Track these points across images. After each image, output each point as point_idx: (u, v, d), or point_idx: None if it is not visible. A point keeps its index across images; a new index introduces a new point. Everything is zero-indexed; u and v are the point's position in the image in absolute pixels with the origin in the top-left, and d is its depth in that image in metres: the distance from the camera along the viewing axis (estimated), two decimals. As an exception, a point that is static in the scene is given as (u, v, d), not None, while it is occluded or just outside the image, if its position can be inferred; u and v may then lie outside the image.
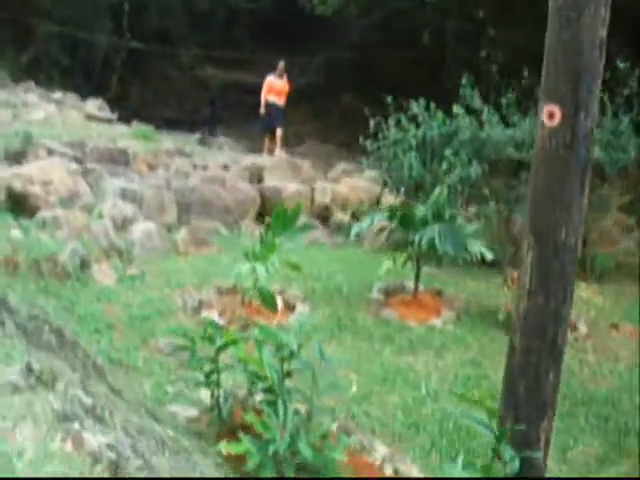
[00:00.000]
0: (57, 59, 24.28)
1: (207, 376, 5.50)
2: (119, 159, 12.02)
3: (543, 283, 4.95)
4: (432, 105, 10.16)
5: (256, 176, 12.47)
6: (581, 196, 4.90)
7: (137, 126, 16.68)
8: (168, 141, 15.29)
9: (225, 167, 13.06)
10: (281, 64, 16.49)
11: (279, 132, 15.98)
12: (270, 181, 12.05)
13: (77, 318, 7.70)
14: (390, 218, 8.35)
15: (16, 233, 8.77)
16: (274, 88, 16.21)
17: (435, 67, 23.38)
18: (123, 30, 25.29)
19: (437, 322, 8.49)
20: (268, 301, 6.63)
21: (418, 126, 10.07)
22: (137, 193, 10.04)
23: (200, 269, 9.37)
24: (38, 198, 9.56)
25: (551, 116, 4.81)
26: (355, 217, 11.58)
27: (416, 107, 10.15)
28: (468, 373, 7.59)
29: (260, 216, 11.19)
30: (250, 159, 13.52)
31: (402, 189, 10.08)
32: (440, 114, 10.01)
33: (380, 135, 10.51)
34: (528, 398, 5.08)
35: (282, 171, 12.41)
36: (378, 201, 12.01)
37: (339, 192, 11.75)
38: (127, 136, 14.49)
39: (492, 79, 19.16)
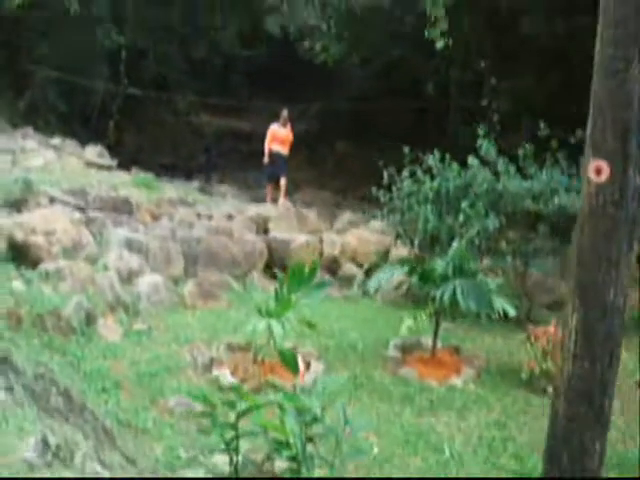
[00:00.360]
0: (54, 105, 24.15)
1: (228, 443, 5.27)
2: (122, 208, 11.76)
3: (589, 347, 4.73)
4: (447, 157, 9.96)
5: (262, 226, 12.23)
6: (628, 254, 4.70)
7: (137, 174, 16.47)
8: (170, 189, 15.06)
9: (230, 217, 12.80)
10: (284, 112, 16.33)
11: (283, 181, 15.77)
12: (276, 232, 11.81)
13: (83, 376, 7.41)
14: (410, 273, 8.10)
15: (18, 285, 8.48)
16: (278, 137, 16.02)
17: (437, 116, 23.37)
18: (120, 76, 25.20)
19: (457, 381, 8.20)
20: (289, 362, 6.35)
21: (432, 178, 9.87)
22: (142, 244, 9.77)
23: (209, 324, 9.08)
24: (40, 248, 9.28)
25: (598, 172, 4.60)
26: (367, 270, 11.33)
27: (431, 159, 9.96)
28: (492, 435, 7.31)
29: (268, 268, 10.92)
30: (255, 209, 13.27)
31: (416, 242, 9.85)
32: (455, 165, 9.82)
33: (392, 186, 10.31)
34: (572, 468, 4.84)
35: (288, 221, 12.18)
36: (387, 253, 11.77)
37: (348, 244, 11.51)
38: (128, 184, 14.26)
39: (494, 128, 19.17)
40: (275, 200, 15.56)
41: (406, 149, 10.19)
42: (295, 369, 6.49)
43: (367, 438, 6.80)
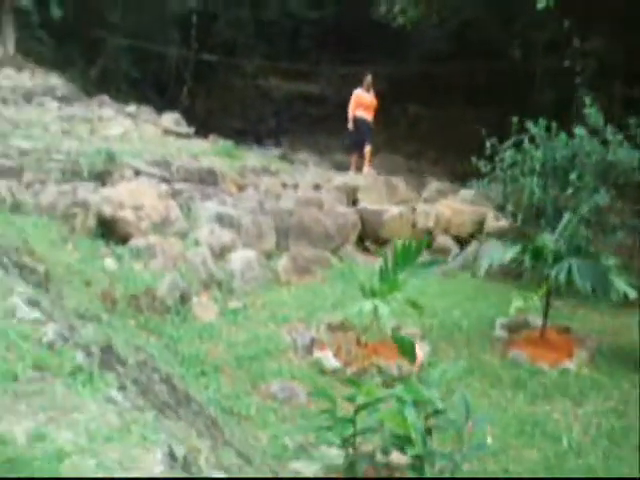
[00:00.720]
0: (126, 72, 23.93)
1: (346, 440, 4.92)
2: (207, 179, 11.36)
3: None
4: (554, 125, 9.31)
5: (350, 197, 11.74)
6: None
7: (215, 141, 16.09)
8: (251, 158, 14.64)
9: (316, 187, 12.34)
10: (368, 77, 15.67)
11: (368, 148, 15.15)
12: (366, 202, 11.31)
13: (181, 359, 7.09)
14: (522, 251, 7.56)
15: (110, 262, 8.17)
16: (363, 102, 15.39)
17: (514, 78, 22.50)
18: (191, 42, 24.86)
19: (570, 365, 7.68)
20: (407, 350, 5.89)
21: (537, 147, 9.25)
22: (234, 218, 9.35)
23: (305, 301, 8.67)
24: (129, 224, 8.95)
25: None
26: (461, 242, 10.81)
27: (534, 127, 9.32)
28: (612, 424, 6.82)
29: (360, 241, 10.46)
30: (341, 178, 12.75)
31: (520, 215, 9.26)
32: (563, 135, 9.17)
33: (485, 155, 9.72)
34: None
35: (377, 191, 11.65)
36: (482, 224, 11.20)
37: (441, 214, 10.95)
38: (209, 152, 13.87)
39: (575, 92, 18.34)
40: (359, 168, 15.04)
41: (513, 118, 9.54)
42: (413, 358, 6.03)
43: (479, 426, 6.35)
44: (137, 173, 10.97)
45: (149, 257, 8.45)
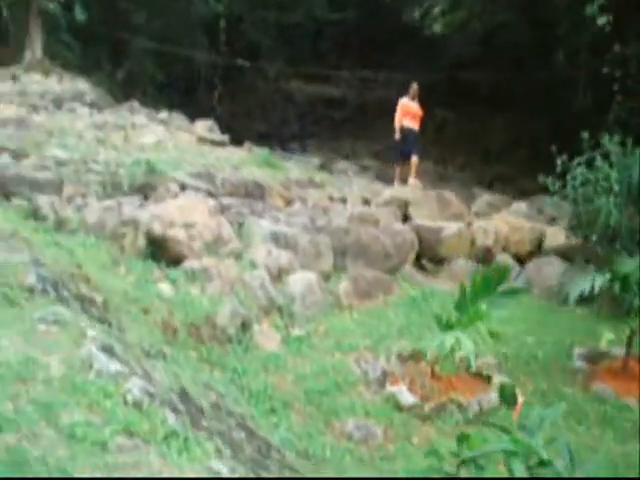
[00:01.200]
0: (152, 75, 23.42)
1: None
2: (254, 193, 10.81)
3: None
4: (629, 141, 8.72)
5: (401, 211, 11.15)
6: None
7: (251, 149, 15.55)
8: (292, 168, 14.06)
9: (366, 201, 11.77)
10: (414, 86, 15.05)
11: (415, 159, 14.53)
12: (418, 218, 10.73)
13: (248, 395, 6.57)
14: (612, 280, 6.98)
15: (165, 288, 7.65)
16: (409, 111, 14.78)
17: (543, 84, 21.88)
18: (219, 45, 24.35)
19: (659, 399, 7.11)
20: (507, 397, 5.35)
21: (611, 165, 8.67)
22: (290, 237, 8.79)
23: (370, 328, 8.12)
24: (181, 243, 8.42)
25: None
26: (520, 260, 10.22)
27: (608, 142, 8.74)
28: None
29: (416, 260, 9.88)
30: (389, 191, 12.14)
31: (594, 236, 8.67)
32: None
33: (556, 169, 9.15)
34: None
35: (429, 206, 11.06)
36: (541, 241, 10.60)
37: (500, 231, 10.36)
38: (249, 162, 13.33)
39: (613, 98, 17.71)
40: (404, 180, 14.44)
41: (584, 134, 8.96)
42: (513, 402, 5.49)
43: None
44: (182, 187, 10.43)
45: (205, 280, 7.94)
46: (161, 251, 8.52)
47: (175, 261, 8.42)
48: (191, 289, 7.81)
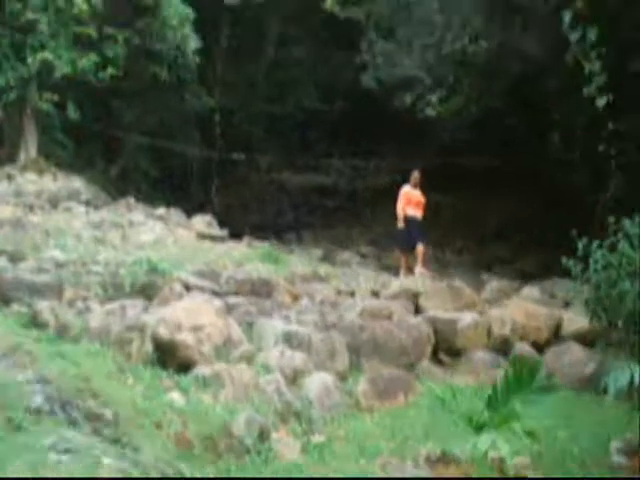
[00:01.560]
0: (146, 171, 23.25)
1: None
2: (261, 290, 10.39)
3: None
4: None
5: (413, 303, 10.74)
6: None
7: (251, 243, 15.22)
8: (295, 262, 13.68)
9: (375, 294, 11.38)
10: (415, 174, 14.85)
11: (421, 248, 14.20)
12: (431, 309, 10.32)
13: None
14: (651, 372, 6.53)
15: (176, 397, 7.16)
16: (412, 200, 14.53)
17: (544, 167, 21.81)
18: (211, 139, 24.29)
19: None
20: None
21: (632, 246, 8.34)
22: (302, 337, 8.35)
23: (393, 430, 7.59)
24: (189, 347, 7.95)
25: None
26: (538, 349, 9.76)
27: (629, 225, 8.43)
28: None
29: (433, 354, 9.41)
30: (398, 283, 11.75)
31: (619, 322, 8.29)
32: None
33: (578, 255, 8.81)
34: None
35: (440, 296, 10.65)
36: (558, 327, 10.18)
37: (516, 320, 9.92)
38: (252, 258, 12.97)
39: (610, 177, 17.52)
40: (410, 269, 14.07)
41: (611, 218, 8.66)
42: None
43: None
44: (186, 287, 10.02)
45: (218, 387, 7.46)
46: (169, 356, 8.05)
47: (184, 366, 7.95)
48: (203, 397, 7.32)
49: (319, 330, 8.95)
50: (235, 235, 17.08)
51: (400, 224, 14.36)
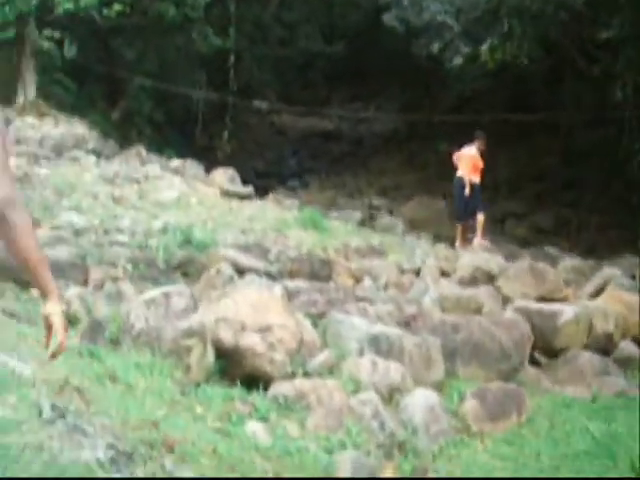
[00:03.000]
0: (150, 114, 21.16)
1: None
2: (320, 272, 8.61)
3: None
4: None
5: (495, 289, 8.94)
6: None
7: (280, 201, 13.37)
8: (338, 229, 11.77)
9: (444, 273, 9.60)
10: (479, 134, 12.98)
11: (481, 217, 12.47)
12: (514, 295, 8.55)
13: None
14: None
15: (257, 430, 5.45)
16: (478, 166, 12.76)
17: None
18: (216, 82, 22.20)
19: None
20: None
21: None
22: (393, 341, 6.61)
23: (515, 463, 5.90)
24: (259, 356, 6.21)
25: None
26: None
27: None
28: None
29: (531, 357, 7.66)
30: (468, 259, 9.94)
31: None
32: None
33: None
34: None
35: (522, 279, 8.88)
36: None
37: (618, 313, 8.20)
38: (289, 223, 11.13)
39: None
40: (468, 240, 12.33)
41: None
42: None
43: None
44: (239, 270, 8.19)
45: (303, 411, 5.78)
46: (233, 366, 6.34)
47: (252, 379, 6.24)
48: (288, 426, 5.62)
49: (398, 326, 7.23)
50: (244, 182, 15.27)
51: (467, 191, 12.51)
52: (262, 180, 21.66)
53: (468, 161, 12.77)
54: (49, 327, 2.71)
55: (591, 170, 19.16)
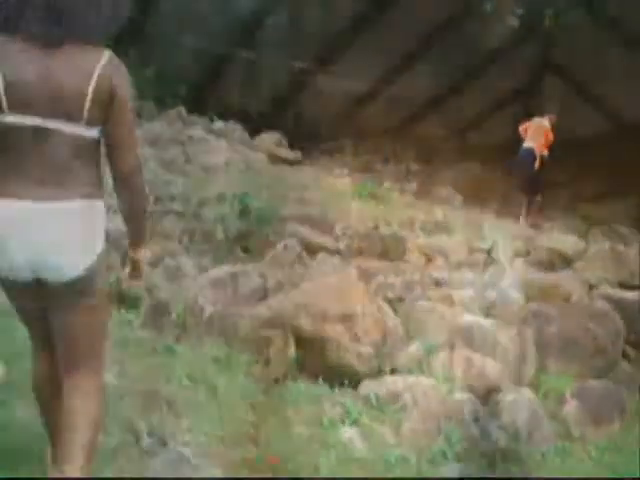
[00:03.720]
0: (185, 73, 20.36)
1: None
2: (392, 249, 7.98)
3: None
4: None
5: (576, 273, 8.26)
6: None
7: (328, 167, 12.68)
8: (397, 200, 11.08)
9: (519, 254, 8.89)
10: (554, 118, 12.27)
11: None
12: (595, 281, 7.87)
13: None
14: None
15: (352, 436, 4.87)
16: (550, 139, 12.08)
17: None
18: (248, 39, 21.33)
19: None
20: None
21: None
22: (486, 333, 5.99)
23: (623, 475, 5.36)
24: (343, 348, 5.63)
25: None
26: None
27: None
28: None
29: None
30: (544, 238, 9.24)
31: None
32: None
33: None
34: None
35: (600, 263, 8.19)
36: None
37: None
38: (344, 192, 10.46)
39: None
40: (532, 216, 11.65)
41: None
42: None
43: None
44: (304, 245, 7.57)
45: (397, 412, 5.17)
46: (314, 358, 5.74)
47: (336, 373, 5.65)
48: (383, 431, 5.03)
49: (482, 314, 6.60)
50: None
51: (536, 164, 11.81)
52: (297, 142, 20.89)
53: (540, 133, 12.00)
54: (135, 268, 3.13)
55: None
